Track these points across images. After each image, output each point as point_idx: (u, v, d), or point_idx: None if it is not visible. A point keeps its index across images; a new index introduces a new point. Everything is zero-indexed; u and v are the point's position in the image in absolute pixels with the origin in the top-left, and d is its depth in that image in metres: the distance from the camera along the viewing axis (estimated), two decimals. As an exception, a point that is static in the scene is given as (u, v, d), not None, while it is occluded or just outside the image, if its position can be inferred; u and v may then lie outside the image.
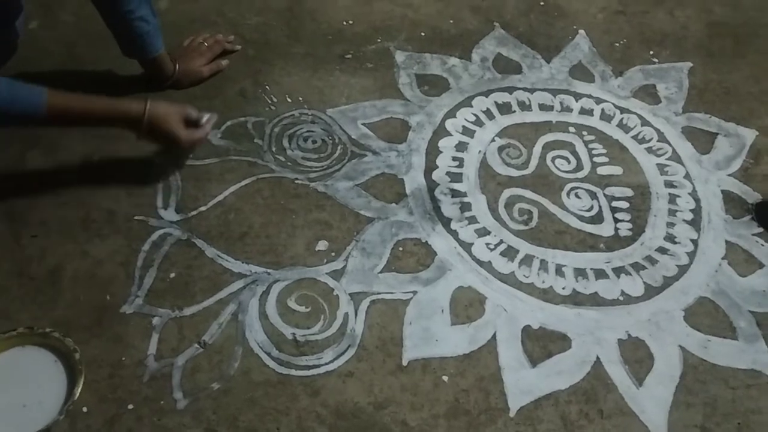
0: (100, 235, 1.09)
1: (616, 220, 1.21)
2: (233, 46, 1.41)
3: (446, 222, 1.17)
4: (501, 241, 1.16)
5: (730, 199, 1.26)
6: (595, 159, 1.30)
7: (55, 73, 1.33)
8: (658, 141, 1.35)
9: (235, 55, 1.40)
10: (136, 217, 1.12)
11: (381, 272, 1.09)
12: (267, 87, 1.35)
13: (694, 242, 1.19)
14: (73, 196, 1.14)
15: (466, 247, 1.14)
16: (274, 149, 1.25)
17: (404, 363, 1.00)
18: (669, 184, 1.27)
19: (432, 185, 1.22)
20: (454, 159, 1.27)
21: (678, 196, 1.26)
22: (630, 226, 1.20)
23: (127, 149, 1.21)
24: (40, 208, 1.12)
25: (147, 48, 1.23)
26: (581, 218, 1.20)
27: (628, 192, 1.25)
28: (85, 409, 0.91)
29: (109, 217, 1.12)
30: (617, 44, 1.53)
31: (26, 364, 0.92)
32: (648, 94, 1.43)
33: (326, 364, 0.99)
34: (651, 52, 1.52)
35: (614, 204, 1.23)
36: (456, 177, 1.24)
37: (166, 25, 1.27)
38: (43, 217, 1.11)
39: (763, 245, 1.19)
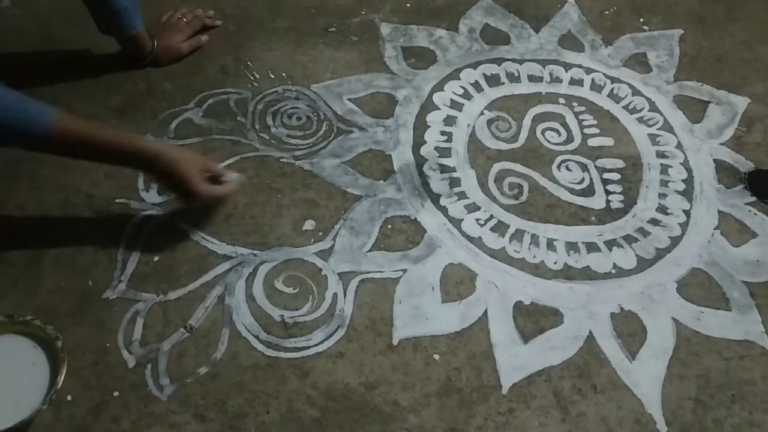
0: (81, 219, 1.07)
1: (608, 192, 1.19)
2: (213, 21, 1.37)
3: (435, 198, 1.15)
4: (491, 217, 1.14)
5: (722, 169, 1.25)
6: (586, 130, 1.27)
7: (29, 53, 1.29)
8: (649, 111, 1.32)
9: (216, 30, 1.36)
10: (117, 200, 1.09)
11: (370, 251, 1.07)
12: (249, 63, 1.31)
13: (687, 213, 1.18)
14: (50, 179, 1.11)
15: (456, 223, 1.12)
16: (257, 127, 1.21)
17: (395, 342, 0.98)
18: (661, 155, 1.25)
19: (420, 161, 1.20)
20: (443, 133, 1.24)
21: (670, 167, 1.24)
22: (622, 198, 1.19)
23: (106, 130, 1.18)
24: (18, 192, 1.09)
25: (124, 26, 1.19)
26: (572, 191, 1.18)
27: (620, 163, 1.23)
28: (69, 398, 0.89)
29: (89, 200, 1.09)
30: (607, 12, 1.50)
31: (7, 353, 0.90)
32: (639, 62, 1.41)
33: (315, 345, 0.97)
34: (641, 20, 1.49)
35: (605, 176, 1.21)
36: (445, 152, 1.22)
37: (144, 0, 1.23)
38: (21, 202, 1.08)
39: (755, 214, 1.18)
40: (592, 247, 1.11)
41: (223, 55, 1.32)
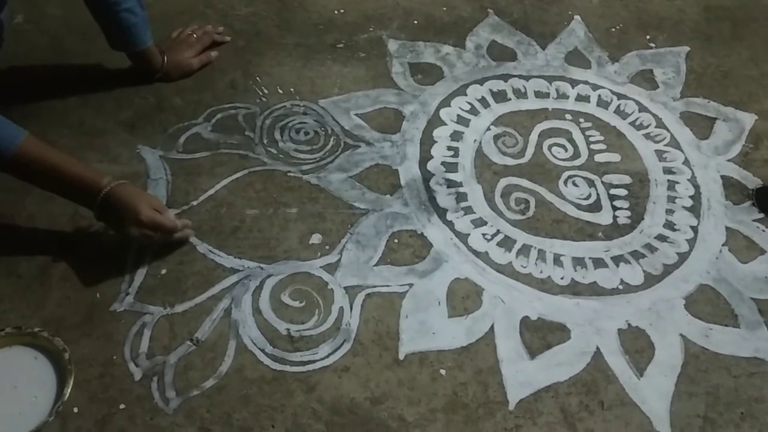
0: (89, 232, 1.07)
1: (615, 208, 1.19)
2: (223, 37, 1.38)
3: (442, 213, 1.15)
4: (498, 232, 1.14)
5: (729, 185, 1.24)
6: (593, 146, 1.28)
7: (42, 67, 1.31)
8: (656, 127, 1.33)
9: (225, 46, 1.38)
10: (125, 213, 1.10)
11: (376, 265, 1.07)
12: (258, 78, 1.32)
13: (694, 229, 1.17)
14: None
15: (463, 237, 1.12)
16: (265, 141, 1.22)
17: (401, 357, 0.98)
18: (668, 171, 1.25)
19: (427, 176, 1.20)
20: (449, 149, 1.25)
21: (677, 183, 1.24)
22: (629, 213, 1.18)
23: (116, 143, 1.19)
24: (28, 204, 1.09)
25: (134, 41, 1.21)
26: (579, 207, 1.18)
27: (627, 179, 1.23)
28: (75, 410, 0.89)
29: (98, 213, 1.10)
30: (613, 29, 1.51)
31: (14, 364, 0.90)
32: (645, 79, 1.41)
33: (321, 359, 0.97)
34: (648, 37, 1.50)
35: (612, 192, 1.21)
36: (451, 167, 1.22)
37: (154, 17, 1.25)
38: (31, 214, 1.08)
39: (764, 231, 1.17)
40: (599, 263, 1.11)
41: (232, 71, 1.33)
